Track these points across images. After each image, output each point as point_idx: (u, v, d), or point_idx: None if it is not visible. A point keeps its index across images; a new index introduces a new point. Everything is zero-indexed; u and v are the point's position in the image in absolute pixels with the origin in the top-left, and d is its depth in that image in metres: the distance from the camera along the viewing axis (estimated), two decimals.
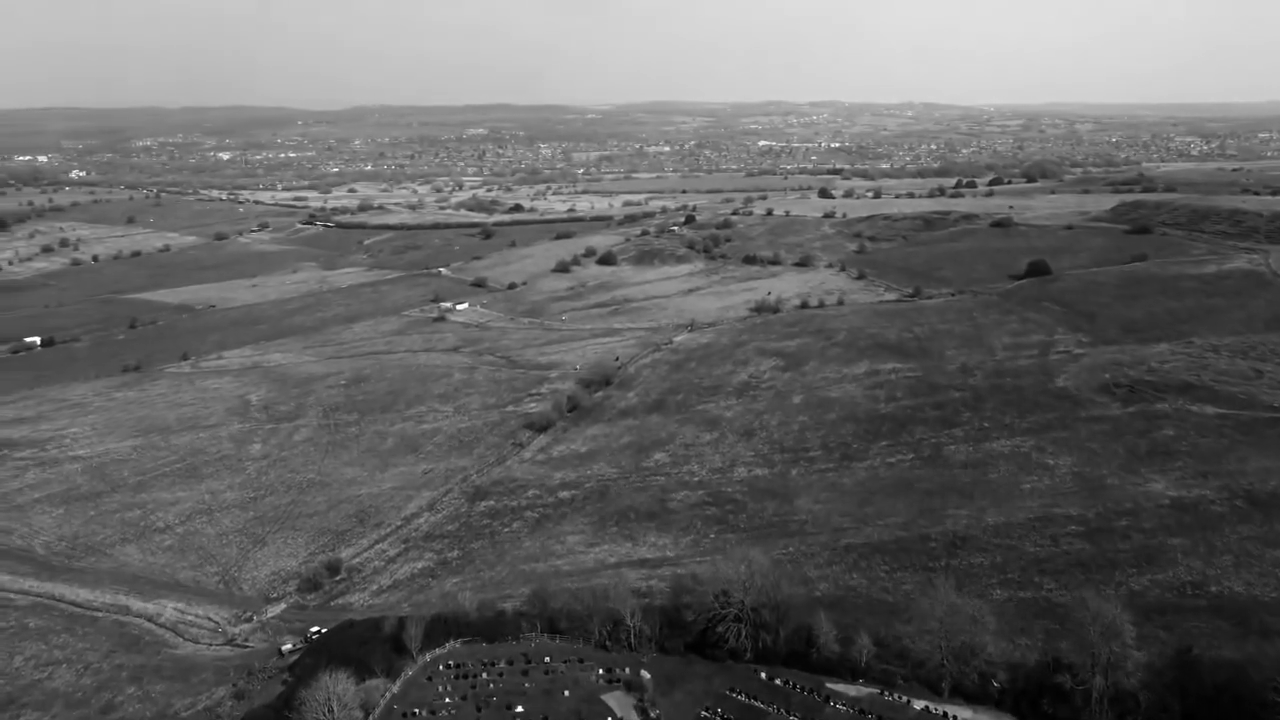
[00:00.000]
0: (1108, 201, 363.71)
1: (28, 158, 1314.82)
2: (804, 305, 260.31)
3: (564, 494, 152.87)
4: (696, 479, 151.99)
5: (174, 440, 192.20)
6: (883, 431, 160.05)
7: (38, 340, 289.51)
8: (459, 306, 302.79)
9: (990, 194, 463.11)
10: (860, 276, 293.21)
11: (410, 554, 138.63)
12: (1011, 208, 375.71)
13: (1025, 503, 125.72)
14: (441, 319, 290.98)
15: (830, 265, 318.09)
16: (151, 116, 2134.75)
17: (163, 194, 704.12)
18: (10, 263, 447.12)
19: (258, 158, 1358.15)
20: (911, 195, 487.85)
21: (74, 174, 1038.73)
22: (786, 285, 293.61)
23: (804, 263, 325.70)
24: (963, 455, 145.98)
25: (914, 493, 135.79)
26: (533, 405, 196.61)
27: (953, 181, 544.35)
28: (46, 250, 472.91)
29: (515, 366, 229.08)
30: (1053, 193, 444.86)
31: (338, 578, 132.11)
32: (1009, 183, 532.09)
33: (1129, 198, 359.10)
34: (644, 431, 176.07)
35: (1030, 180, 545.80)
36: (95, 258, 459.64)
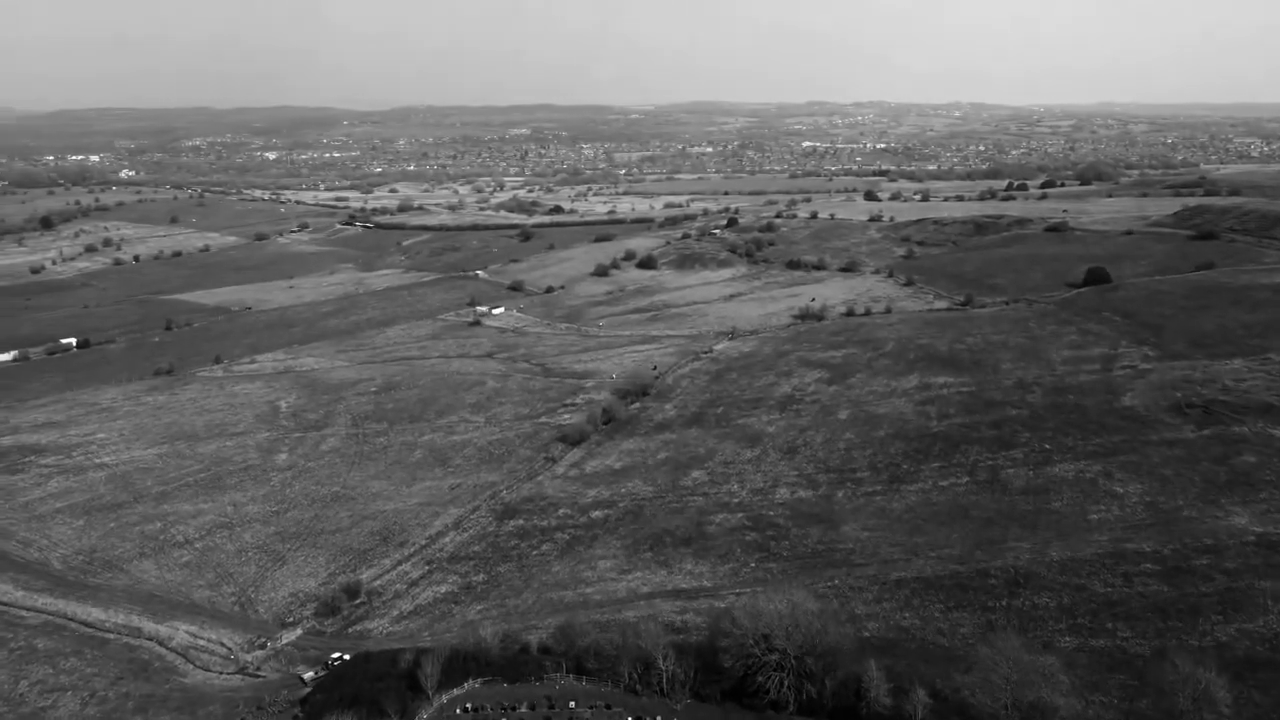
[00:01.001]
0: (1168, 205, 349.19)
1: (80, 157, 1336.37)
2: (850, 313, 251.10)
3: (596, 514, 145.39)
4: (736, 500, 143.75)
5: (200, 448, 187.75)
6: (934, 451, 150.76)
7: (73, 341, 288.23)
8: (495, 311, 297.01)
9: (1043, 197, 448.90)
10: (908, 283, 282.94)
11: (434, 576, 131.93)
12: (1066, 212, 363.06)
13: (1093, 536, 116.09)
14: (477, 323, 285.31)
15: (877, 271, 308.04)
16: (203, 116, 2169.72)
17: (206, 194, 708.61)
18: (54, 262, 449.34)
19: (303, 157, 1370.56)
20: (961, 198, 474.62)
21: (123, 173, 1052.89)
22: (831, 292, 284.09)
23: (850, 268, 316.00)
24: (1022, 480, 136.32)
25: (970, 521, 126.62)
26: (567, 416, 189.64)
27: (1003, 184, 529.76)
28: (90, 250, 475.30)
29: (550, 375, 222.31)
30: (1109, 196, 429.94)
31: (357, 601, 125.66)
32: (1062, 185, 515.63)
33: (1192, 201, 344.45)
34: (681, 447, 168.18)
35: (1084, 183, 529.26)
36: (136, 258, 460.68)
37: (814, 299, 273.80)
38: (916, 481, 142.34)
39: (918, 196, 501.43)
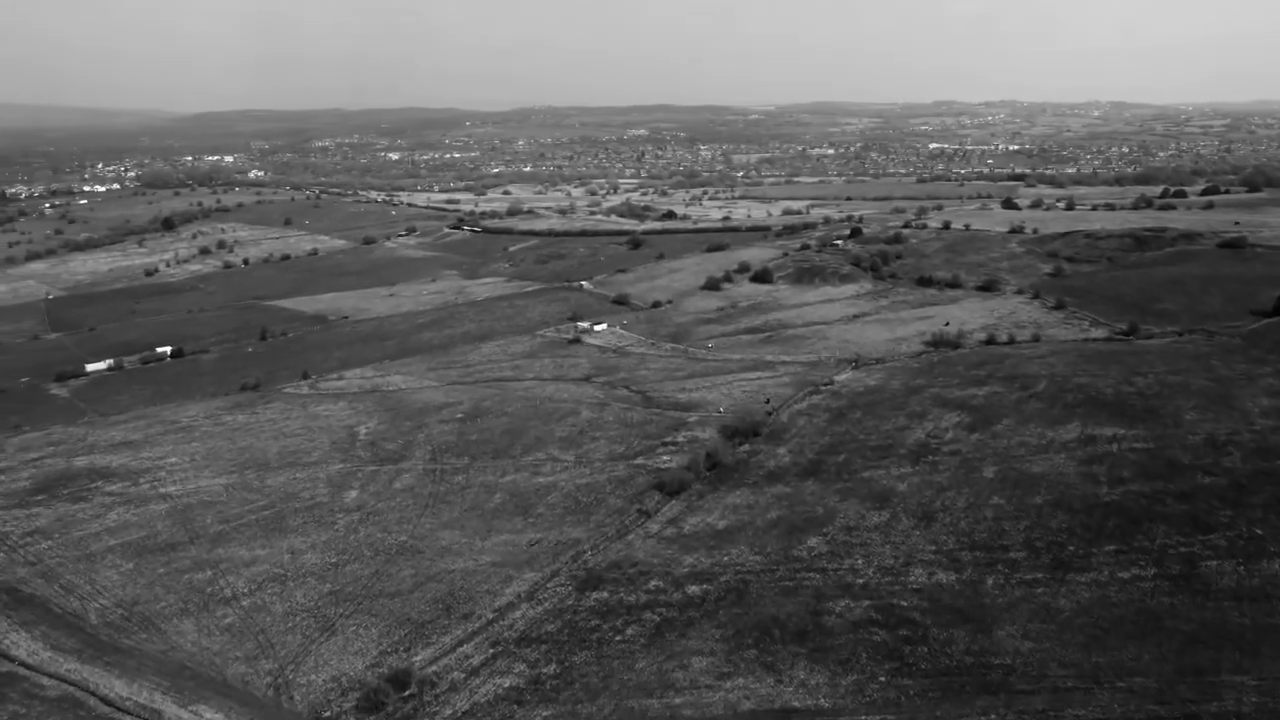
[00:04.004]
0: None
1: (216, 157, 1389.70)
2: (991, 340, 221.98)
3: (693, 589, 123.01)
4: (860, 582, 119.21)
5: (268, 480, 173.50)
6: (1108, 529, 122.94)
7: (168, 350, 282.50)
8: (596, 327, 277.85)
9: (1208, 206, 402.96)
10: (1058, 306, 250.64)
11: (498, 663, 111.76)
12: (1238, 224, 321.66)
13: None
14: (577, 341, 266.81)
15: (1020, 291, 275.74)
16: (334, 118, 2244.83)
17: (323, 195, 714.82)
18: (169, 264, 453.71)
19: (423, 158, 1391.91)
20: (1111, 207, 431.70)
21: (252, 173, 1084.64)
22: (968, 314, 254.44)
23: (988, 287, 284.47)
24: (1230, 579, 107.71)
25: (1165, 635, 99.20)
26: (666, 457, 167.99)
27: (1157, 190, 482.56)
28: (204, 252, 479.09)
29: (650, 405, 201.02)
30: None
31: (406, 693, 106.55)
32: (1226, 192, 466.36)
33: None
34: (796, 504, 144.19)
35: (1253, 189, 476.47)
36: (246, 261, 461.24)
37: (948, 323, 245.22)
38: (1088, 570, 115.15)
39: (1061, 204, 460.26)
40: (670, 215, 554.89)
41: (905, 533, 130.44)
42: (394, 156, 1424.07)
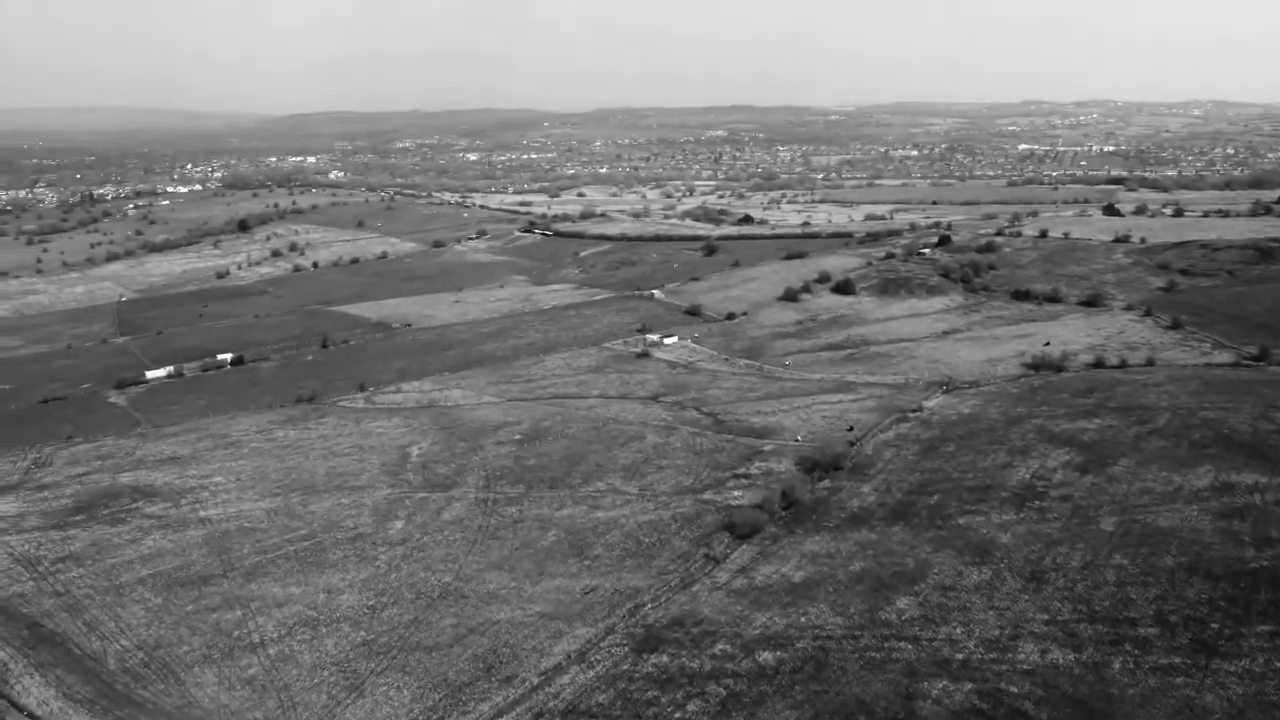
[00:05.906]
0: None
1: (299, 158, 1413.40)
2: (1098, 363, 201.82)
3: (765, 657, 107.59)
4: (960, 657, 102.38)
5: (313, 505, 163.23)
6: (1259, 604, 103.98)
7: (229, 358, 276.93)
8: (666, 340, 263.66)
9: None
10: (1174, 326, 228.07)
11: None
12: None
13: None
14: (645, 354, 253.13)
15: (1129, 307, 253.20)
16: (415, 119, 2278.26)
17: (398, 196, 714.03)
18: (240, 267, 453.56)
19: (501, 159, 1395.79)
20: (1224, 213, 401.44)
21: (333, 174, 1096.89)
22: (1071, 333, 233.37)
23: (1092, 302, 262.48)
24: None
25: None
26: (737, 492, 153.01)
27: (1275, 195, 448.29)
28: (275, 255, 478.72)
29: (722, 430, 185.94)
30: None
31: None
32: None
33: None
34: (883, 555, 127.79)
35: None
36: (315, 264, 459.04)
37: (1049, 342, 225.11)
38: (1237, 656, 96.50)
39: (1168, 210, 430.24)
40: (747, 220, 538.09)
41: (1011, 596, 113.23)
42: (472, 157, 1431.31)
